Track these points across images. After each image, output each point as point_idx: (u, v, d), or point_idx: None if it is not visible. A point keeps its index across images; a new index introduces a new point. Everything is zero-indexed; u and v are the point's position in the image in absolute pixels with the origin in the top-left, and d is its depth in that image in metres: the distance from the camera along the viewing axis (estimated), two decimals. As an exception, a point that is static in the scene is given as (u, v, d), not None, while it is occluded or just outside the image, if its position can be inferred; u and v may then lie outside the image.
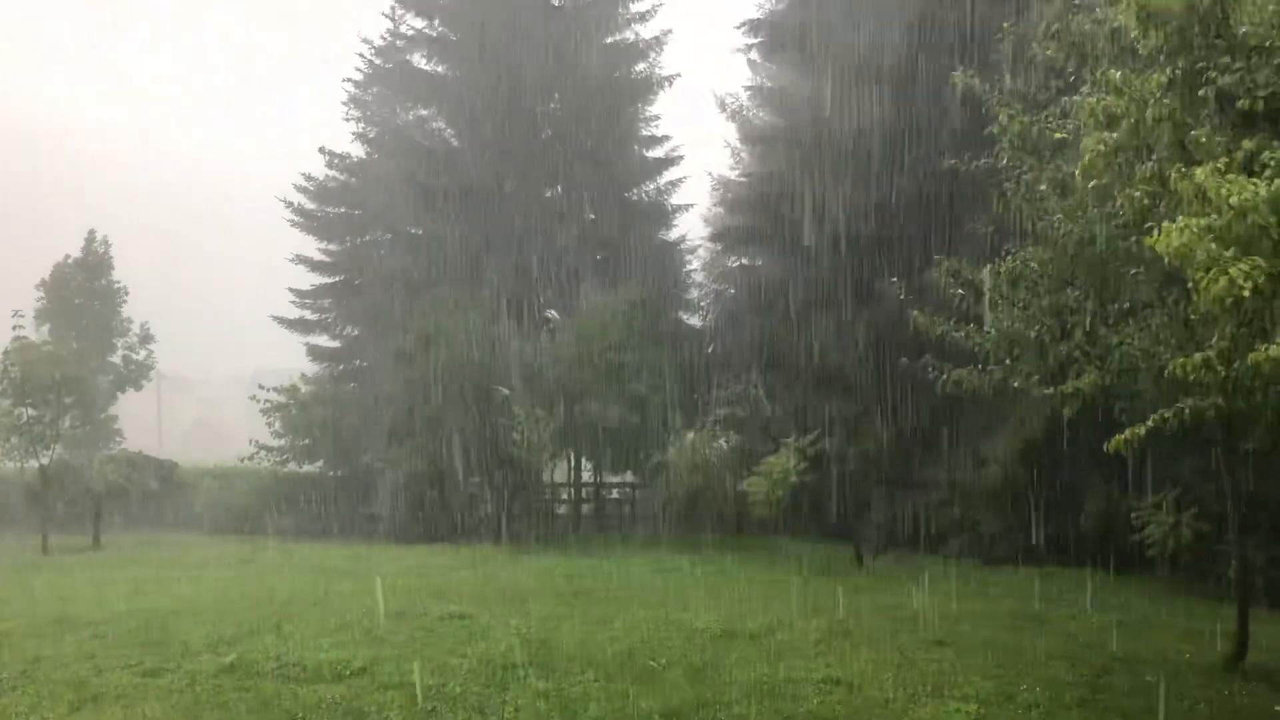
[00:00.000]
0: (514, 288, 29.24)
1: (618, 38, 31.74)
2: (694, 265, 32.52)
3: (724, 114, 32.21)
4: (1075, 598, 14.94)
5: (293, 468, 30.02)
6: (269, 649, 10.83)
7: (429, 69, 32.08)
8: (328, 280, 35.61)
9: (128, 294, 35.64)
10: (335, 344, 35.69)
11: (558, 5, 31.36)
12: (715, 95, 31.90)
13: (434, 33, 31.91)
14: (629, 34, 31.75)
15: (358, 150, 35.72)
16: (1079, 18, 12.23)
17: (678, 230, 32.17)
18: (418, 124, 33.81)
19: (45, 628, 12.39)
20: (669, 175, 31.80)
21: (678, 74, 31.29)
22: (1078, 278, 11.98)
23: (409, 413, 26.26)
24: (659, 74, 31.53)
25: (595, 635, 11.66)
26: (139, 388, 35.77)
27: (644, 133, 32.09)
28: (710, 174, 32.93)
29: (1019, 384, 12.13)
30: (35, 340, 27.74)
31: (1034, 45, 12.98)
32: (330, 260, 35.79)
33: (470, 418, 25.32)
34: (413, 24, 32.90)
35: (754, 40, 27.68)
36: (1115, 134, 10.14)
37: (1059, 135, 11.77)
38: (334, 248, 35.91)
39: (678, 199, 31.90)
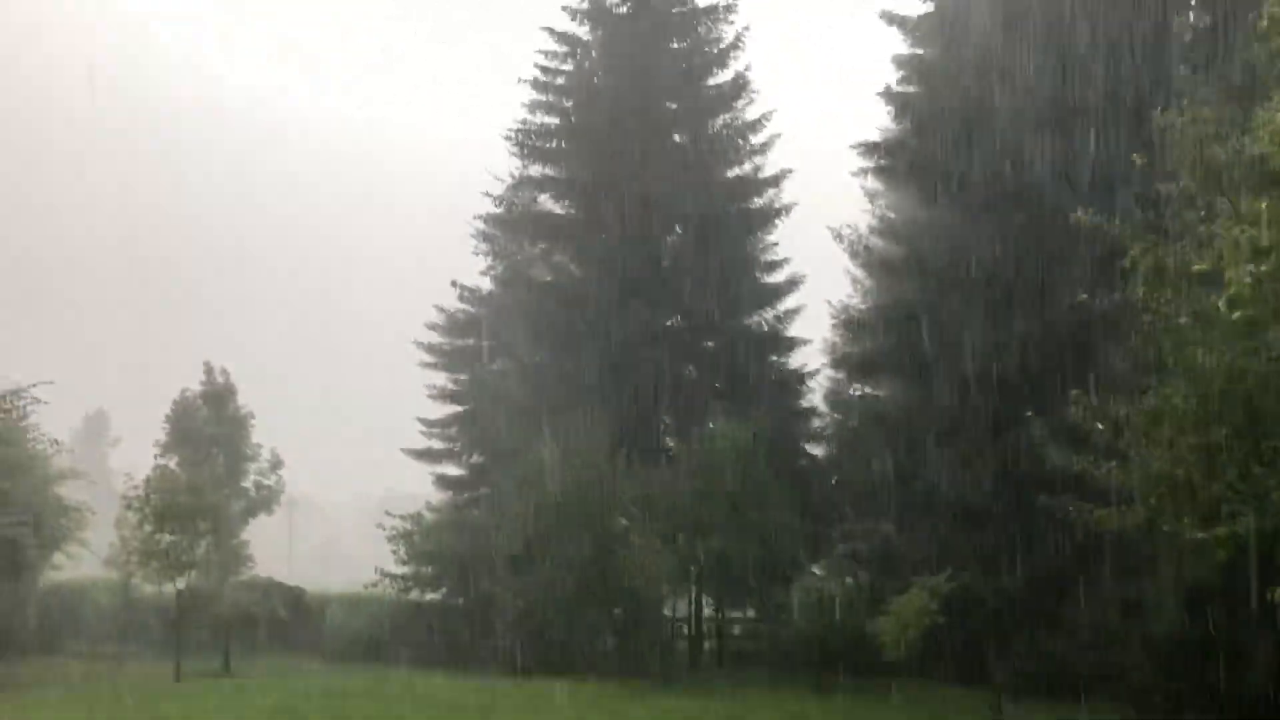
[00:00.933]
0: (634, 416, 29.32)
1: (738, 171, 32.28)
2: (815, 394, 32.12)
3: (842, 244, 32.23)
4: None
5: (416, 595, 30.21)
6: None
7: (553, 208, 33.06)
8: (455, 410, 36.38)
9: (254, 419, 36.88)
10: (461, 472, 36.22)
11: (679, 141, 32.14)
12: (831, 229, 32.02)
13: (557, 175, 32.94)
14: (748, 166, 32.25)
15: (486, 284, 36.85)
16: (1213, 148, 11.94)
17: (798, 359, 31.98)
18: (542, 257, 34.71)
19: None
20: (788, 303, 31.78)
21: (795, 202, 31.52)
22: (1227, 414, 11.39)
23: (528, 542, 26.27)
24: (778, 204, 31.80)
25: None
26: (270, 512, 36.76)
27: (764, 259, 32.29)
28: (829, 302, 32.78)
29: (1168, 526, 11.47)
30: (171, 468, 28.91)
31: (1169, 178, 12.68)
32: (458, 389, 36.62)
33: (589, 548, 25.17)
34: (537, 170, 33.88)
35: (871, 164, 27.68)
36: (1264, 265, 9.75)
37: (1199, 267, 11.36)
38: (462, 377, 36.77)
39: (797, 327, 31.81)
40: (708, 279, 30.89)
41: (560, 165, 32.94)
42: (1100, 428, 13.19)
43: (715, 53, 32.34)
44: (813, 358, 32.50)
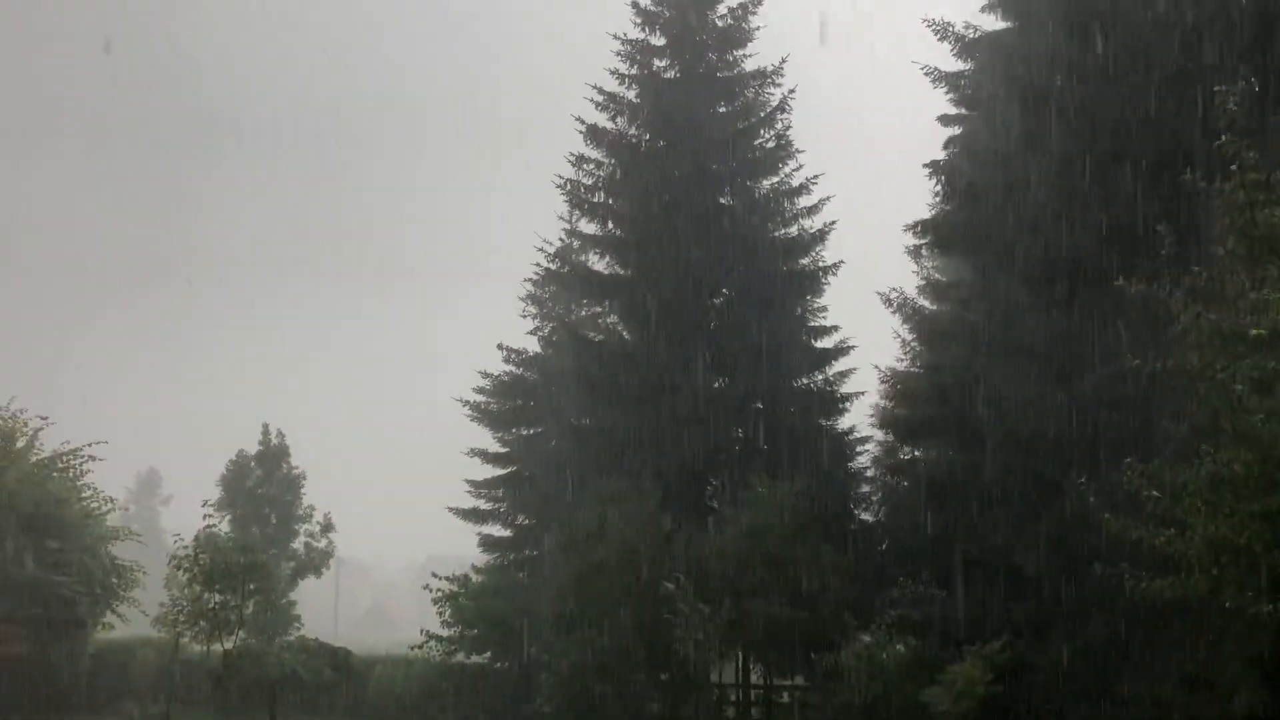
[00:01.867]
0: (681, 478, 29.19)
1: (785, 232, 32.35)
2: (864, 458, 31.82)
3: (890, 308, 32.11)
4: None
5: (461, 657, 30.09)
6: None
7: (601, 268, 33.30)
8: (501, 471, 36.46)
9: (305, 479, 37.30)
10: (507, 533, 36.18)
11: (726, 204, 32.34)
12: (880, 293, 31.95)
13: (605, 234, 33.23)
14: (795, 229, 32.32)
15: (533, 345, 37.12)
16: (1265, 212, 11.82)
17: (846, 421, 31.75)
18: (590, 319, 34.94)
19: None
20: (838, 366, 31.63)
21: (842, 261, 31.48)
22: (1289, 482, 11.13)
23: (573, 605, 26.10)
24: (824, 264, 31.75)
25: None
26: (319, 575, 37.03)
27: (812, 323, 32.20)
28: (878, 367, 32.58)
29: (1230, 601, 11.17)
30: (219, 529, 29.23)
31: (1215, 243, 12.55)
32: (504, 451, 36.73)
33: (635, 611, 24.96)
34: (585, 228, 34.23)
35: (922, 241, 27.71)
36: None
37: (1256, 332, 11.19)
38: (508, 438, 36.89)
39: (847, 389, 31.62)
40: (757, 341, 30.88)
41: (609, 224, 33.27)
42: (1156, 495, 12.91)
43: (763, 115, 32.65)
44: (860, 419, 32.31)
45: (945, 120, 28.36)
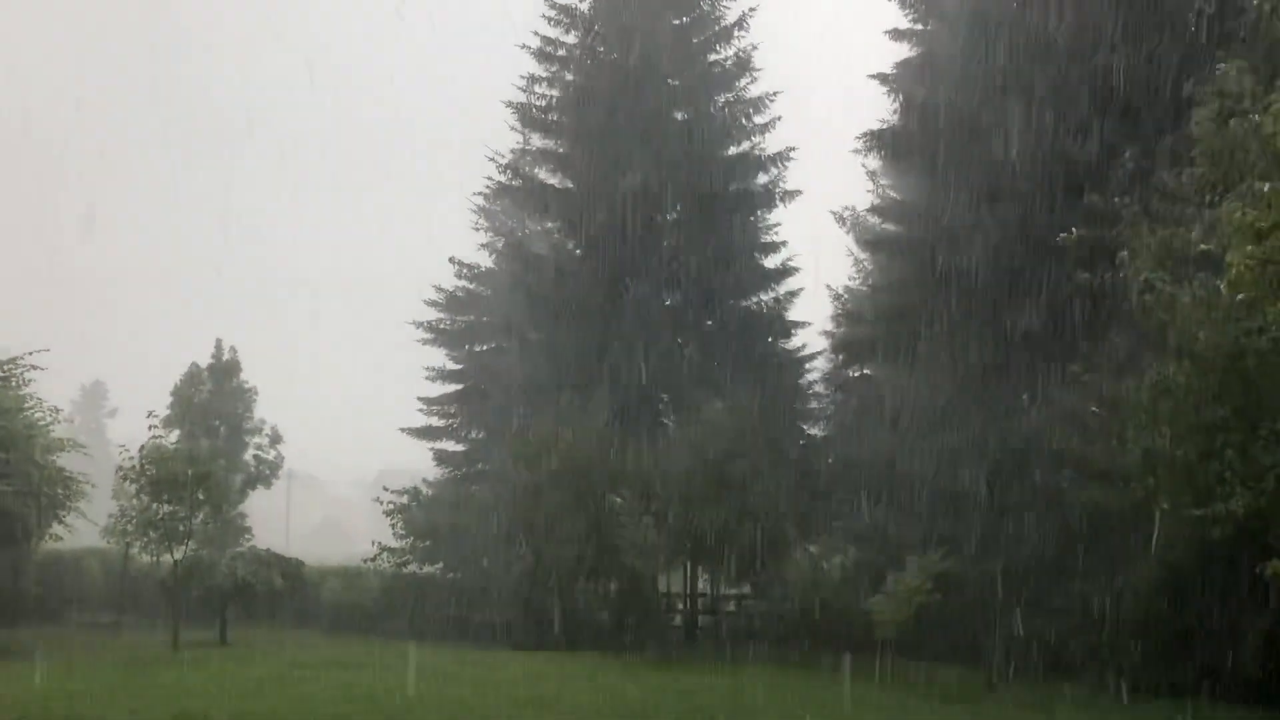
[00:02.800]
0: (631, 395, 29.35)
1: (740, 149, 32.12)
2: (814, 375, 32.17)
3: (843, 227, 32.20)
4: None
5: (413, 569, 30.29)
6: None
7: (552, 183, 32.90)
8: (454, 387, 36.39)
9: (258, 395, 36.99)
10: (461, 448, 36.27)
11: (681, 119, 31.99)
12: (833, 212, 31.94)
13: (554, 147, 32.79)
14: (748, 144, 32.07)
15: (485, 260, 36.80)
16: (1234, 121, 11.81)
17: (796, 340, 32.00)
18: (542, 235, 34.64)
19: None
20: (788, 285, 31.75)
21: (799, 190, 31.36)
22: (1226, 394, 11.43)
23: (524, 518, 26.36)
24: (781, 188, 31.58)
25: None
26: (269, 486, 36.96)
27: (763, 240, 32.21)
28: (829, 287, 32.78)
29: (1165, 505, 11.55)
30: (168, 441, 28.94)
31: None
32: (457, 367, 36.63)
33: (585, 523, 25.26)
34: (538, 143, 33.69)
35: (871, 150, 27.49)
36: (1264, 247, 9.77)
37: (1203, 248, 11.39)
38: (461, 354, 36.77)
39: (797, 309, 31.80)
40: (708, 258, 30.83)
41: (560, 139, 32.80)
42: (1096, 410, 13.23)
43: (718, 29, 32.20)
44: (812, 338, 32.61)
45: (896, 35, 28.04)
